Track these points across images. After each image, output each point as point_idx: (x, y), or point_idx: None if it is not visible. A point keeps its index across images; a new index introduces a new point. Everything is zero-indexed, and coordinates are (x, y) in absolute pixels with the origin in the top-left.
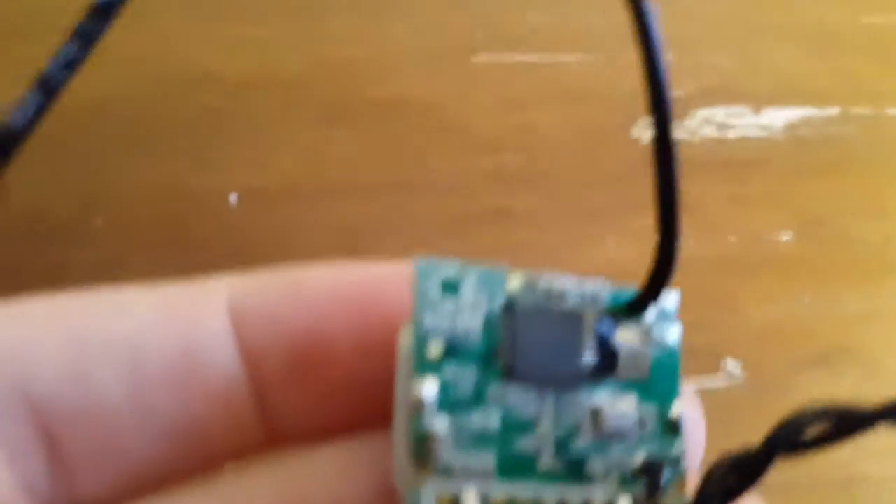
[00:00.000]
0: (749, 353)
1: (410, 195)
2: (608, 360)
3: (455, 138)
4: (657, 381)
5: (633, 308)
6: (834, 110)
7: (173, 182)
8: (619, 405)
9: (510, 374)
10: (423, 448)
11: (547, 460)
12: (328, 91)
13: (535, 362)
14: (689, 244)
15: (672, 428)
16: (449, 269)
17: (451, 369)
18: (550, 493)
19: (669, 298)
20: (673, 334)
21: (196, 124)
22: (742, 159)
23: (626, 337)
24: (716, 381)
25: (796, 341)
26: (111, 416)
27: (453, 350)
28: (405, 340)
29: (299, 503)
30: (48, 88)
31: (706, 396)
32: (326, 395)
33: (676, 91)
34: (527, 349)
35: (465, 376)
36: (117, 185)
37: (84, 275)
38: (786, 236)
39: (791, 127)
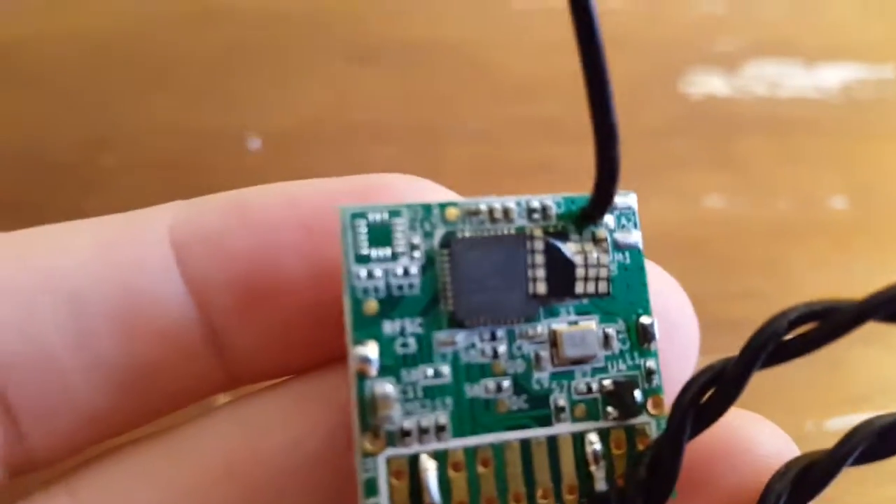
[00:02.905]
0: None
1: (437, 141)
2: (563, 280)
3: (487, 84)
4: (622, 292)
5: (587, 215)
6: (888, 69)
7: (188, 121)
8: (579, 326)
9: (456, 317)
10: (370, 417)
11: (506, 402)
12: (356, 28)
13: (481, 300)
14: (736, 207)
15: (643, 339)
16: (377, 212)
17: (390, 324)
18: (513, 437)
19: (628, 199)
20: (636, 236)
21: (213, 60)
22: (793, 119)
23: (581, 248)
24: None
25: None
26: (55, 365)
27: (391, 302)
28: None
29: (253, 454)
30: None
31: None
32: (282, 329)
33: (726, 45)
34: (470, 286)
35: (408, 328)
36: (129, 125)
37: (95, 215)
38: (838, 201)
39: (845, 88)
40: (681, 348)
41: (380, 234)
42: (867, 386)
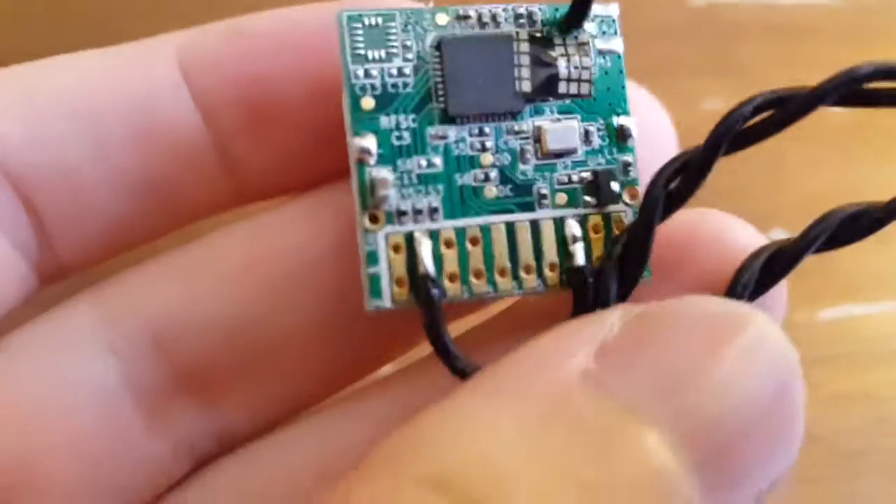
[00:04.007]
0: (798, 223)
1: None
2: (548, 81)
3: None
4: (603, 94)
5: (569, 22)
6: None
7: None
8: (561, 123)
9: (447, 113)
10: (370, 198)
11: (492, 189)
12: None
13: (470, 96)
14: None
15: (621, 136)
16: (372, 16)
17: (386, 119)
18: (499, 220)
19: (610, 8)
20: (616, 42)
21: None
22: (795, 25)
23: (564, 52)
24: None
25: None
26: (78, 177)
27: (387, 99)
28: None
29: (268, 256)
30: None
31: None
32: (287, 145)
33: None
34: (460, 84)
35: (403, 123)
36: None
37: None
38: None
39: None
40: (658, 151)
41: (375, 36)
42: (858, 277)
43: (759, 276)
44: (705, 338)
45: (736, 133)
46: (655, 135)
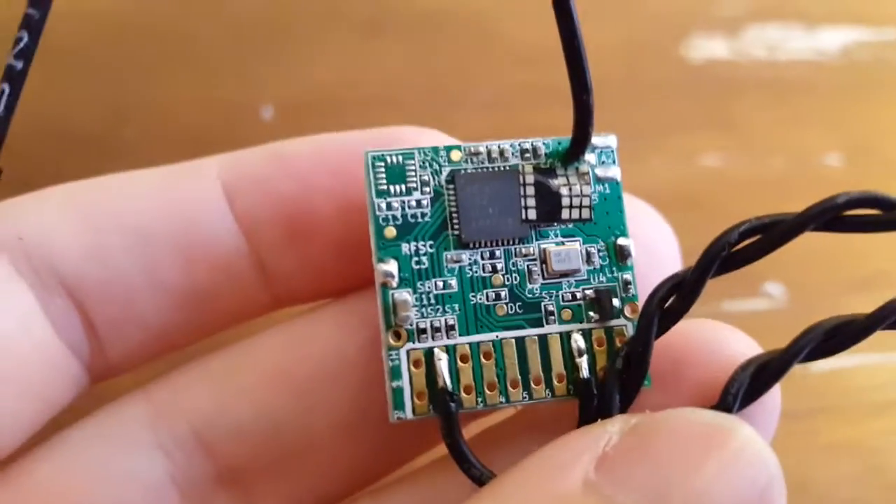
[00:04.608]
0: (792, 276)
1: (450, 109)
2: (551, 208)
3: (497, 52)
4: (602, 218)
5: (571, 154)
6: (891, 32)
7: (205, 94)
8: (565, 246)
9: (461, 239)
10: (393, 318)
11: (503, 307)
12: (367, 1)
13: (481, 224)
14: (733, 166)
15: (621, 256)
16: (394, 155)
17: (407, 246)
18: (510, 335)
19: (608, 140)
20: (614, 171)
21: (228, 35)
22: (792, 81)
23: (566, 181)
24: (756, 304)
25: (840, 265)
26: (128, 288)
27: (407, 228)
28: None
29: (299, 363)
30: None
31: (747, 319)
32: (319, 258)
33: (728, 9)
34: (472, 214)
35: (422, 249)
36: (149, 97)
37: None
38: (833, 160)
39: (845, 50)
40: (662, 268)
41: (396, 173)
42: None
43: (749, 385)
44: (692, 449)
45: (723, 258)
46: (659, 248)
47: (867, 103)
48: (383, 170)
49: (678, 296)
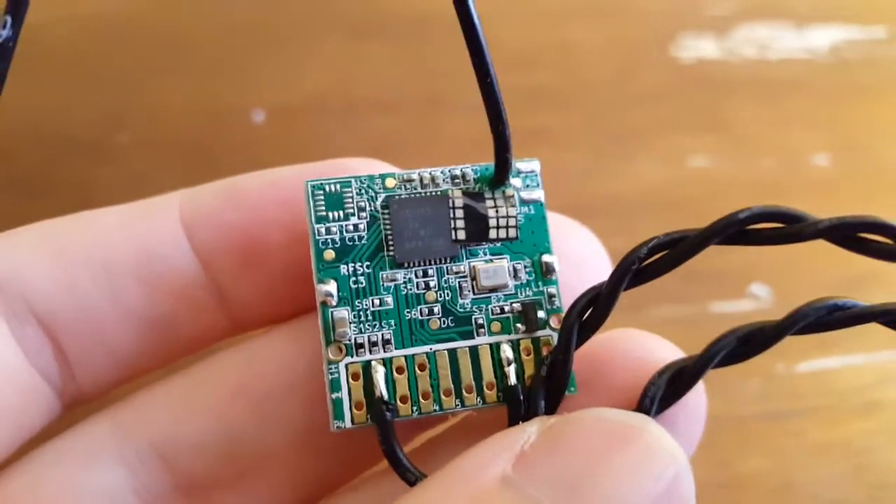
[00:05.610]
0: (778, 278)
1: (439, 112)
2: (479, 228)
3: None
4: (528, 237)
5: (496, 179)
6: (880, 31)
7: (198, 99)
8: (493, 263)
9: (396, 260)
10: (332, 334)
11: (437, 321)
12: (358, 3)
13: (415, 245)
14: (721, 166)
15: (545, 272)
16: (332, 184)
17: (345, 267)
18: (443, 347)
19: (532, 164)
20: (538, 193)
21: (220, 40)
22: (781, 80)
23: (493, 204)
24: (742, 305)
25: (826, 266)
26: (97, 318)
27: (345, 251)
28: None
29: (253, 381)
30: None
31: (733, 320)
32: (272, 284)
33: (718, 9)
34: (406, 236)
35: (359, 270)
36: (142, 103)
37: (109, 190)
38: (822, 159)
39: (835, 49)
40: (592, 280)
41: (334, 200)
42: (836, 333)
43: (665, 390)
44: (602, 445)
45: (634, 272)
46: (588, 262)
47: (857, 102)
48: (322, 197)
49: (595, 307)
